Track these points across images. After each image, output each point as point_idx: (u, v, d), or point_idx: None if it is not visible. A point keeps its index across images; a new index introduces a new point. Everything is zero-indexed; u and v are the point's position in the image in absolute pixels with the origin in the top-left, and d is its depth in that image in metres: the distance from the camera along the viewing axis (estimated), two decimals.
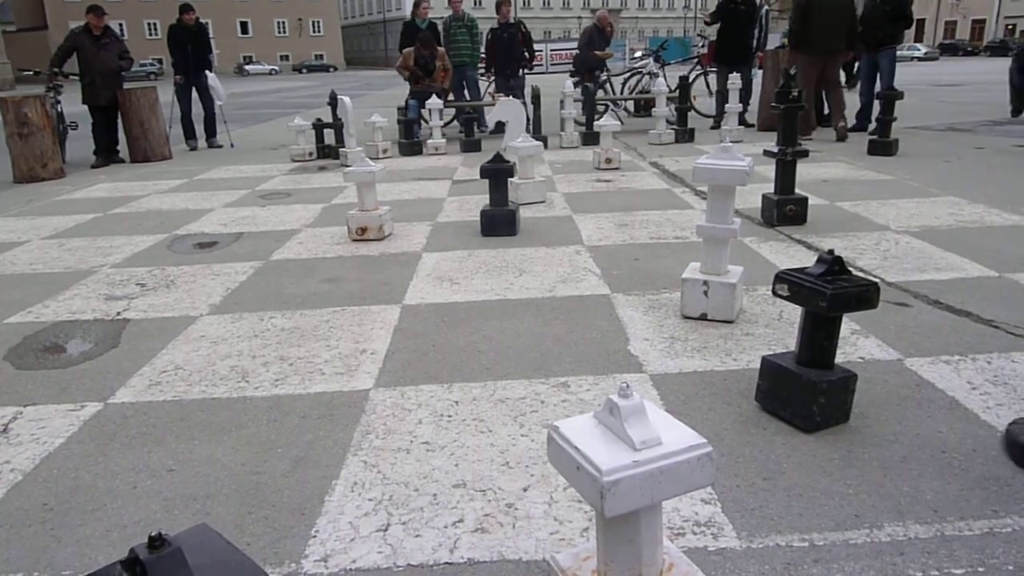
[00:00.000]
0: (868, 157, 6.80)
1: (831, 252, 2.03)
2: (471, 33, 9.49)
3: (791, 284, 2.05)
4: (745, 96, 9.09)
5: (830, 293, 1.94)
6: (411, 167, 7.40)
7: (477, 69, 9.94)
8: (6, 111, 7.31)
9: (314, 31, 66.85)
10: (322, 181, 6.83)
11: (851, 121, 8.22)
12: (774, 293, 2.10)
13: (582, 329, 2.93)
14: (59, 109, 8.15)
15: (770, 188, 4.61)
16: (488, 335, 2.91)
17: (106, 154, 8.43)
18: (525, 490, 1.86)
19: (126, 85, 8.53)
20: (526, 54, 9.60)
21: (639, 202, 5.29)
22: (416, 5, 9.41)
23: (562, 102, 8.56)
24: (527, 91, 8.82)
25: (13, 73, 32.13)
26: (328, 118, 8.33)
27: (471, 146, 8.35)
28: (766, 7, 9.48)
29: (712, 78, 10.23)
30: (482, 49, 9.77)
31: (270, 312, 3.28)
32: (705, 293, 2.92)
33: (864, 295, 2.00)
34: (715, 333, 2.83)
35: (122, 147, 8.63)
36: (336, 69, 60.28)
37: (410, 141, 8.38)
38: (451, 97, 9.45)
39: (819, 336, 2.09)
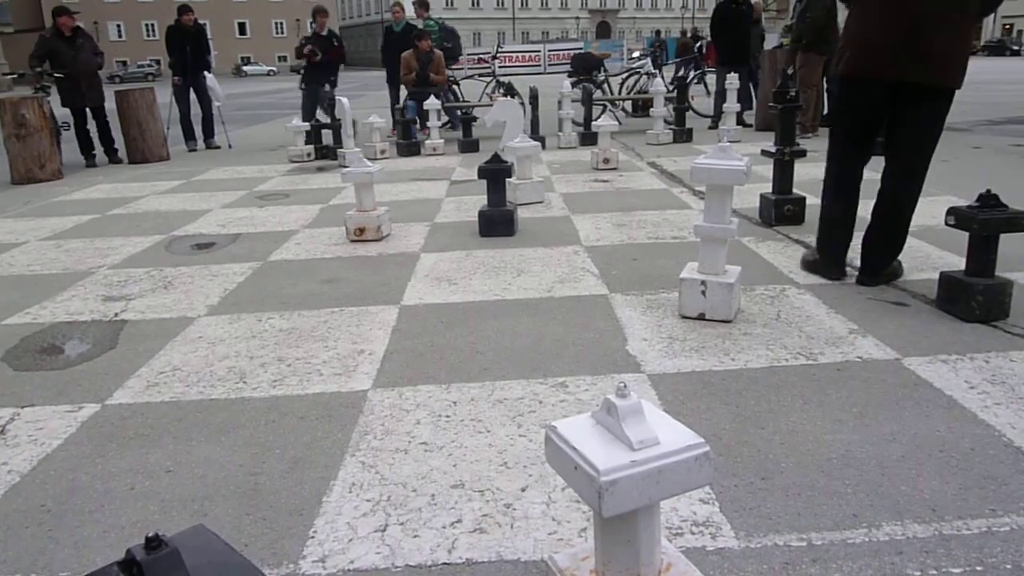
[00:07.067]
0: None
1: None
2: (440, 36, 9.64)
3: (957, 216, 2.82)
4: (745, 97, 9.08)
5: (980, 218, 2.72)
6: (409, 167, 7.40)
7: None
8: (4, 112, 7.30)
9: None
10: (320, 182, 6.82)
11: None
12: (946, 224, 2.87)
13: (580, 329, 2.93)
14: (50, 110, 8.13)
15: (768, 188, 4.62)
16: (486, 335, 2.91)
17: (90, 155, 8.41)
18: (523, 490, 1.86)
19: (124, 86, 8.51)
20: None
21: (637, 202, 5.29)
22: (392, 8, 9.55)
23: (560, 102, 8.57)
24: (525, 91, 8.82)
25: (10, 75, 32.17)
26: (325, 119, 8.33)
27: (469, 146, 8.35)
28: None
29: (709, 77, 10.24)
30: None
31: (268, 313, 3.27)
32: (703, 293, 2.92)
33: (1015, 220, 2.72)
34: (713, 333, 2.83)
35: (120, 148, 8.62)
36: None
37: (408, 141, 8.38)
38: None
39: (979, 253, 2.81)
